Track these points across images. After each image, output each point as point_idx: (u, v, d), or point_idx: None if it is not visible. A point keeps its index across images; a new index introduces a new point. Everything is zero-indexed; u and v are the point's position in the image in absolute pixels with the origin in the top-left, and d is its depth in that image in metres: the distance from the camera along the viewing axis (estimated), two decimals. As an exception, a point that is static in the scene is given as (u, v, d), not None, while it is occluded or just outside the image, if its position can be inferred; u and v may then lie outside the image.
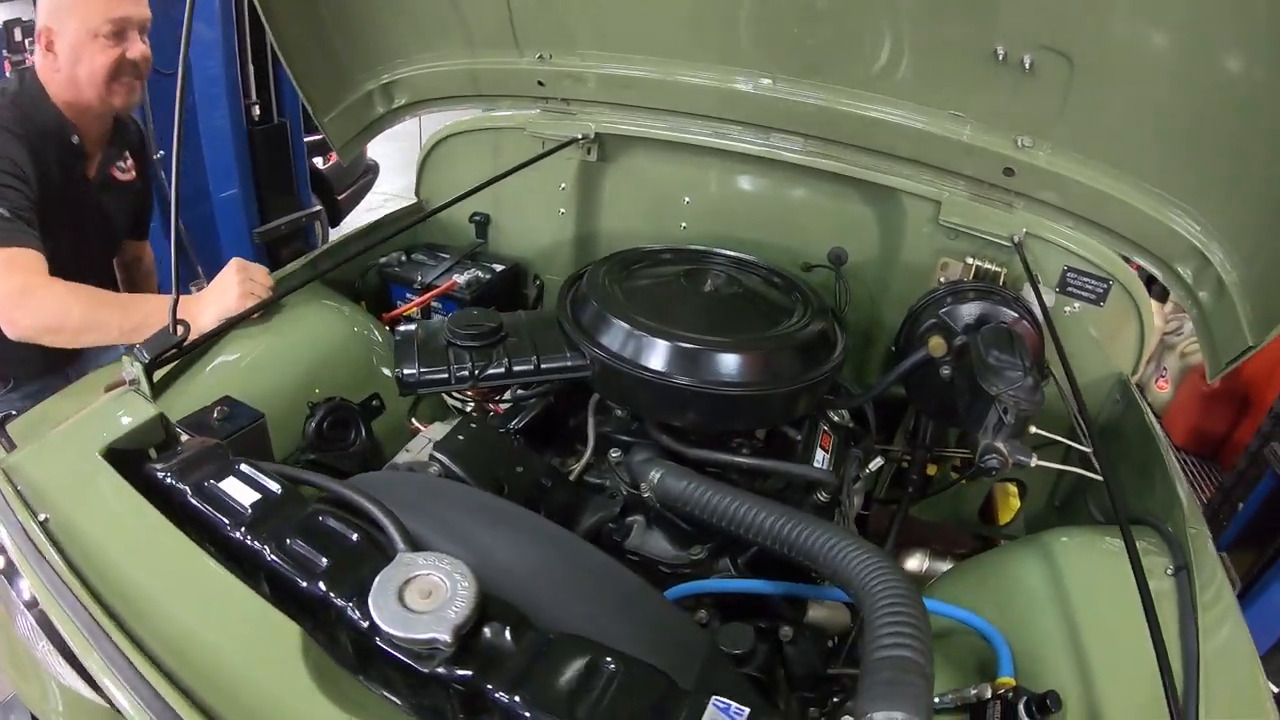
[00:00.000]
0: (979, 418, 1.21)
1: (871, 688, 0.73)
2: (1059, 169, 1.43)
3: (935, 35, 1.38)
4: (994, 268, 1.58)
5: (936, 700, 0.98)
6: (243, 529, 0.89)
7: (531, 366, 1.28)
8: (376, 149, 3.91)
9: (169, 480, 0.95)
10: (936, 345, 1.41)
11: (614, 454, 1.32)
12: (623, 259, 1.56)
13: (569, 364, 1.28)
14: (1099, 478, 1.26)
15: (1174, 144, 1.30)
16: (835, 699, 1.16)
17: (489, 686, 0.75)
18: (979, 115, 1.44)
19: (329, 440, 1.33)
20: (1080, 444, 1.30)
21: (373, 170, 3.98)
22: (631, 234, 2.08)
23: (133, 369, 1.18)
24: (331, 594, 0.81)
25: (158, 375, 1.23)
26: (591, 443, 1.33)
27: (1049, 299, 1.57)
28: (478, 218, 2.16)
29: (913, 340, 1.51)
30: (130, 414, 1.10)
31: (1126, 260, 1.55)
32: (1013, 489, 2.02)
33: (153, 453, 1.09)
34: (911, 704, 0.70)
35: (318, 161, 3.49)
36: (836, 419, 1.49)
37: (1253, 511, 2.19)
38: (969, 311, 1.44)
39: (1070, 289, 1.59)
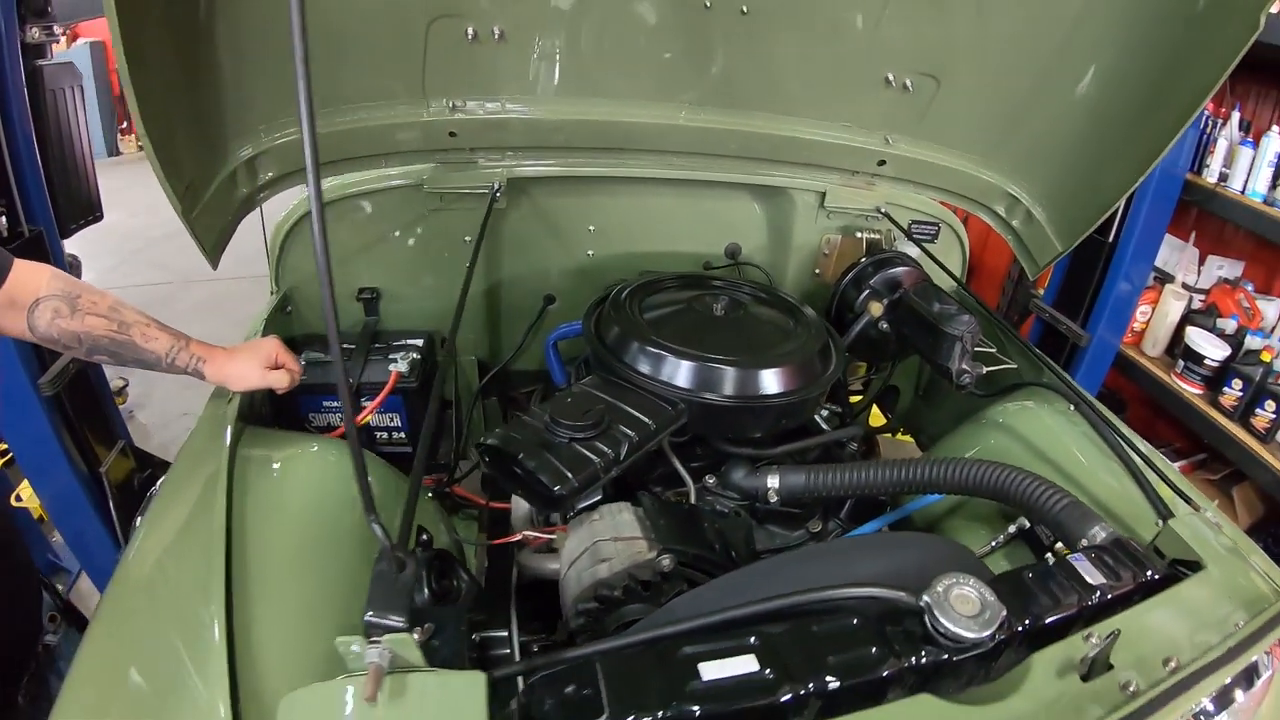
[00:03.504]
0: (945, 352, 1.58)
1: (1072, 518, 1.15)
2: (913, 154, 1.87)
3: (844, 71, 1.69)
4: (875, 235, 1.98)
5: (993, 544, 1.39)
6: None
7: (651, 430, 1.27)
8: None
9: None
10: (876, 308, 1.76)
11: (709, 479, 1.43)
12: (631, 296, 1.61)
13: (671, 415, 1.32)
14: (1013, 365, 1.74)
15: (998, 128, 1.79)
16: None
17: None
18: (863, 123, 1.80)
19: (441, 599, 1.05)
20: (986, 347, 1.78)
21: (75, 266, 3.10)
22: (540, 273, 2.08)
23: (381, 655, 0.78)
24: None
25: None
26: (689, 478, 1.41)
27: (909, 248, 2.03)
28: (366, 294, 1.95)
29: (849, 306, 1.84)
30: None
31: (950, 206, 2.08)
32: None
33: None
34: (1102, 520, 1.14)
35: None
36: None
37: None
38: (886, 276, 1.81)
39: (915, 236, 2.07)
